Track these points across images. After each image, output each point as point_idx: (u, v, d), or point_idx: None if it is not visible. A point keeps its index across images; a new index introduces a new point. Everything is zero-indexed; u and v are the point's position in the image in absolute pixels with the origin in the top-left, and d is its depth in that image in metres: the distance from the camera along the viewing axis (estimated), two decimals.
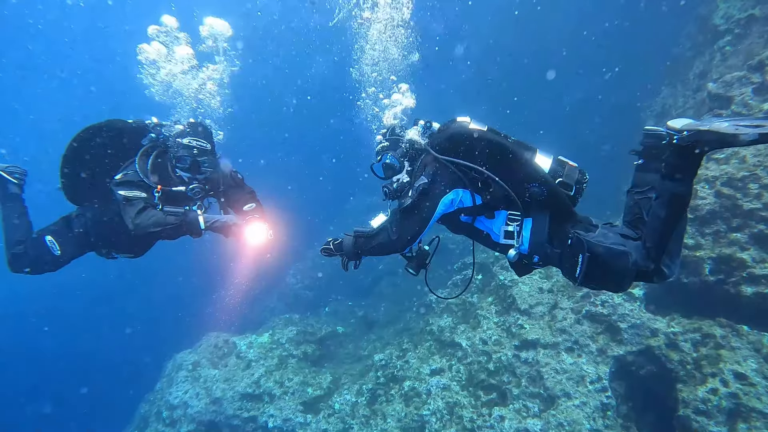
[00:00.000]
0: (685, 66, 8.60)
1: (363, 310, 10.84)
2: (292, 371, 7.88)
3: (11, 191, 3.20)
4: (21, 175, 3.24)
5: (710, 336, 5.09)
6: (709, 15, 7.68)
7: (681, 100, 8.21)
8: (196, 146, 2.85)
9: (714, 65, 7.18)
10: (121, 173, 2.85)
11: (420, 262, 2.63)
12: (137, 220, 2.68)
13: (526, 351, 6.31)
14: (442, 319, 7.69)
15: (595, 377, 5.70)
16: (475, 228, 2.42)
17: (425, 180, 2.24)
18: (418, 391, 6.74)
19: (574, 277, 2.11)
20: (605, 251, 2.02)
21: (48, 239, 3.09)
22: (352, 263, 2.61)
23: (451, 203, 2.29)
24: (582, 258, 2.05)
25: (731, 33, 6.94)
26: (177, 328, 11.93)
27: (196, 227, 2.83)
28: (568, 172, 2.27)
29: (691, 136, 1.79)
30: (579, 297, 6.39)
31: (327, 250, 2.59)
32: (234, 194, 3.20)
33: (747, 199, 5.11)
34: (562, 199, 2.21)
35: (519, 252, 2.27)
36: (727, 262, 5.10)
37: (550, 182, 2.17)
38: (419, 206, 2.22)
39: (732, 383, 4.70)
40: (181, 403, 7.91)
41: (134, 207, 2.72)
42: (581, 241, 2.08)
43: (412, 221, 2.24)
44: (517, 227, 2.25)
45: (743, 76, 5.83)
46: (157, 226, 2.70)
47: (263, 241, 2.96)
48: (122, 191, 2.76)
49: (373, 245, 2.38)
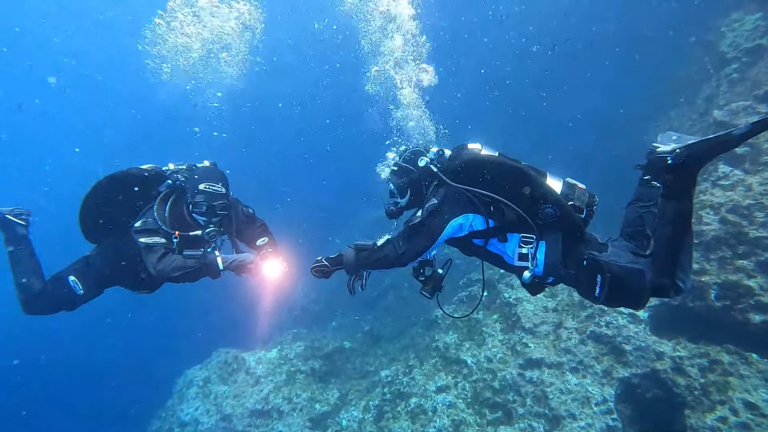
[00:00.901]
0: (693, 88, 8.71)
1: (369, 324, 10.91)
2: (300, 387, 7.99)
3: (20, 233, 3.28)
4: (27, 216, 3.34)
5: (718, 362, 5.11)
6: (717, 42, 7.81)
7: (688, 123, 8.30)
8: (212, 191, 2.92)
9: (721, 91, 7.29)
10: (141, 220, 2.95)
11: (435, 285, 2.67)
12: (159, 266, 2.79)
13: (530, 370, 6.37)
14: (447, 336, 7.77)
15: (600, 399, 5.74)
16: (488, 251, 2.45)
17: (435, 201, 2.29)
18: (424, 408, 6.80)
19: (594, 296, 2.15)
20: (621, 270, 2.07)
21: (71, 279, 3.17)
22: (359, 284, 2.64)
23: (460, 227, 2.32)
24: (601, 278, 2.10)
25: (738, 61, 7.07)
26: (188, 343, 12.08)
27: (215, 269, 2.91)
28: (578, 195, 2.33)
29: (683, 151, 1.92)
30: (584, 317, 6.45)
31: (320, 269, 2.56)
32: (246, 229, 3.28)
33: (753, 227, 5.17)
34: (575, 220, 2.25)
35: (533, 274, 2.30)
36: (733, 289, 5.14)
37: (563, 204, 2.22)
38: (428, 225, 2.27)
39: (742, 413, 4.66)
40: (192, 420, 8.05)
41: (155, 253, 2.83)
42: (598, 262, 2.13)
43: (419, 238, 2.29)
44: (531, 249, 2.27)
45: (749, 106, 5.94)
46: (178, 270, 2.80)
47: (279, 275, 3.05)
48: (142, 239, 2.86)
49: (378, 258, 2.39)
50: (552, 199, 2.20)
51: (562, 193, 2.30)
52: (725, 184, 5.60)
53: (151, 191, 3.06)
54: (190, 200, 2.95)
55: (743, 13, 7.39)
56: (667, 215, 2.04)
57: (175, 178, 3.05)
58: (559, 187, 2.33)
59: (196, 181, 2.93)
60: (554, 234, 2.26)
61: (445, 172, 2.37)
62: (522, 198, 2.20)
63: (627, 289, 2.08)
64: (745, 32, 7.11)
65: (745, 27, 7.19)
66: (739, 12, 7.48)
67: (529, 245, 2.28)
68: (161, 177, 3.10)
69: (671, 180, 2.02)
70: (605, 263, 2.10)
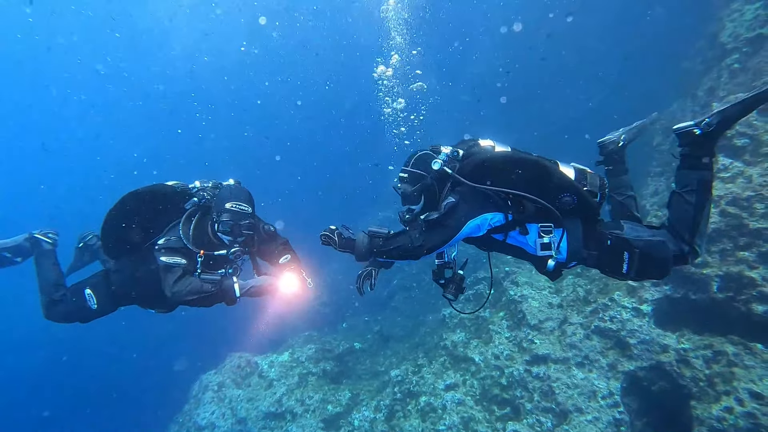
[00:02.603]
0: (696, 80, 8.67)
1: (379, 325, 11.06)
2: (312, 389, 8.16)
3: (45, 248, 3.41)
4: (54, 236, 3.46)
5: (722, 353, 5.14)
6: (717, 32, 7.77)
7: (690, 115, 8.27)
8: (239, 211, 2.86)
9: (722, 82, 7.26)
10: (164, 238, 2.91)
11: (457, 287, 2.68)
12: (175, 288, 2.76)
13: (537, 366, 6.45)
14: (455, 334, 7.88)
15: (606, 392, 5.80)
16: (508, 244, 2.45)
17: (453, 200, 2.27)
18: (434, 406, 6.92)
19: (622, 273, 2.24)
20: (646, 245, 2.19)
21: (87, 292, 3.17)
22: (368, 284, 2.70)
23: (478, 228, 2.32)
24: (629, 255, 2.19)
25: (739, 51, 7.02)
26: (202, 347, 12.35)
27: (231, 295, 2.84)
28: (591, 180, 2.39)
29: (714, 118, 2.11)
30: (588, 312, 6.51)
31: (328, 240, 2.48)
32: (268, 248, 3.22)
33: (753, 219, 5.19)
34: (592, 205, 2.30)
35: (557, 261, 2.33)
36: (735, 280, 5.17)
37: (580, 191, 2.26)
38: (445, 222, 2.27)
39: (748, 402, 4.69)
40: (209, 424, 8.26)
41: (173, 274, 2.80)
42: (625, 239, 2.22)
43: (436, 233, 2.28)
44: (552, 238, 2.30)
45: None
46: (193, 294, 2.76)
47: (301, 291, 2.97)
48: (163, 257, 2.83)
49: (392, 247, 2.34)
50: (569, 187, 2.24)
51: (575, 180, 2.34)
52: (725, 176, 5.62)
53: (176, 208, 3.03)
54: (215, 219, 2.90)
55: (743, 2, 7.34)
56: (691, 185, 2.20)
57: (201, 195, 3.02)
58: (572, 174, 2.37)
59: (222, 200, 2.89)
60: (573, 220, 2.30)
61: (461, 172, 2.34)
62: (541, 189, 2.22)
63: (654, 261, 2.20)
64: (746, 22, 7.06)
65: (745, 17, 7.13)
66: (740, 1, 7.43)
67: (550, 234, 2.30)
68: (187, 194, 3.07)
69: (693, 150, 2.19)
70: (632, 240, 2.21)
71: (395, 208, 15.37)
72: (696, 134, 2.19)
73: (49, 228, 3.50)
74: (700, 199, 2.19)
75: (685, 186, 2.24)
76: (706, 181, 2.20)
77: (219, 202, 2.90)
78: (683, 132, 2.26)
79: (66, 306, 3.22)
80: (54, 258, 3.41)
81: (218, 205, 2.89)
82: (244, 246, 3.01)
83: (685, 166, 2.28)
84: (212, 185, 3.12)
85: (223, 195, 2.92)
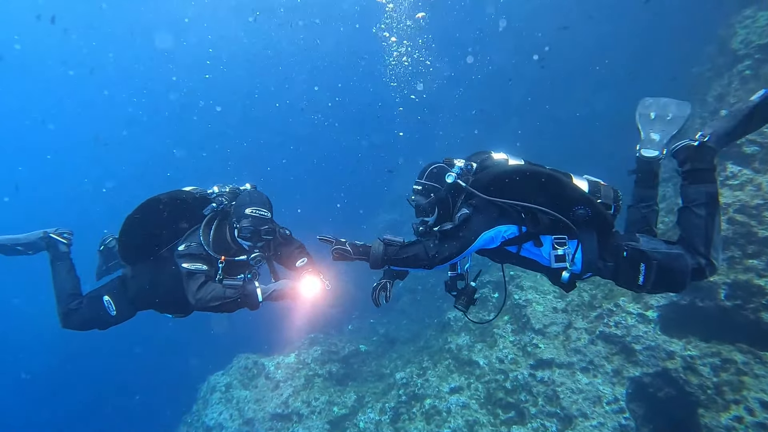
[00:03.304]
0: (705, 86, 8.61)
1: (384, 328, 11.11)
2: (318, 390, 8.23)
3: (62, 250, 3.38)
4: (69, 235, 3.45)
5: (731, 361, 5.11)
6: (728, 38, 7.72)
7: (698, 121, 8.22)
8: (259, 216, 2.87)
9: (732, 89, 7.21)
10: (185, 244, 2.89)
11: (469, 298, 2.71)
12: (198, 294, 2.73)
13: (541, 370, 6.46)
14: (460, 338, 7.90)
15: (612, 398, 5.80)
16: (522, 257, 2.45)
17: (467, 212, 2.29)
18: (439, 409, 6.95)
19: (638, 285, 2.24)
20: (664, 257, 2.19)
21: (105, 299, 3.16)
22: (383, 296, 2.71)
23: (491, 240, 2.33)
24: (645, 267, 2.20)
25: (751, 58, 6.97)
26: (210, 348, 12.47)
27: (254, 300, 2.81)
28: (604, 192, 2.41)
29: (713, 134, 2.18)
30: (593, 317, 6.51)
31: (341, 253, 2.48)
32: (285, 251, 3.23)
33: (762, 227, 5.17)
34: (606, 217, 2.31)
35: (572, 272, 2.34)
36: (744, 288, 5.14)
37: (594, 204, 2.26)
38: (459, 233, 2.28)
39: (759, 412, 4.66)
40: (217, 425, 8.37)
41: (196, 281, 2.77)
42: (642, 251, 2.22)
43: (450, 244, 2.28)
44: (567, 250, 2.30)
45: None
46: (216, 300, 2.73)
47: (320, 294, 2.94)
48: (185, 264, 2.80)
49: (407, 256, 2.36)
50: (583, 200, 2.25)
51: (589, 192, 2.36)
52: (733, 184, 5.60)
53: (195, 214, 3.01)
54: (235, 225, 2.91)
55: (756, 9, 7.29)
56: (699, 200, 2.25)
57: (220, 201, 3.01)
58: (585, 187, 2.39)
59: (242, 206, 2.90)
60: (588, 231, 2.30)
61: (475, 185, 2.34)
62: (555, 202, 2.24)
63: (672, 273, 2.21)
64: (758, 29, 7.00)
65: (758, 23, 7.07)
66: (753, 8, 7.37)
67: (564, 246, 2.31)
68: (206, 200, 3.06)
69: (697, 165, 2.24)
70: (649, 251, 2.21)
71: (400, 211, 15.45)
72: (693, 146, 2.25)
73: (64, 227, 3.48)
74: (710, 211, 2.22)
75: (693, 200, 2.27)
76: (713, 193, 2.23)
77: (238, 207, 2.91)
78: (681, 148, 2.31)
79: (83, 315, 3.21)
80: (70, 263, 3.40)
81: (238, 211, 2.90)
82: (264, 251, 3.01)
83: (689, 182, 2.31)
84: (230, 190, 3.12)
85: (242, 200, 2.93)
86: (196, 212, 3.01)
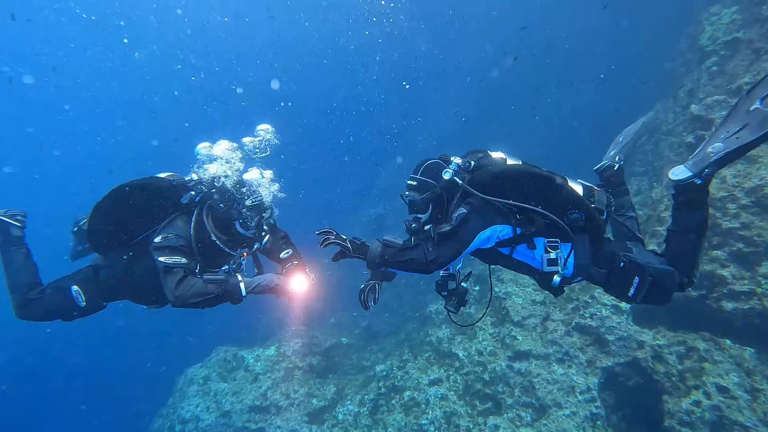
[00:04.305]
0: (677, 81, 8.85)
1: (367, 321, 11.16)
2: (297, 383, 8.23)
3: (14, 234, 3.10)
4: (22, 218, 3.16)
5: (694, 349, 5.32)
6: (697, 35, 7.93)
7: (671, 115, 8.45)
8: (258, 204, 2.77)
9: (701, 84, 7.43)
10: (161, 235, 2.68)
11: (460, 299, 2.68)
12: (177, 291, 2.53)
13: (519, 362, 6.59)
14: (440, 330, 7.99)
15: (584, 388, 5.96)
16: (513, 259, 2.42)
17: (464, 211, 2.24)
18: (418, 401, 7.03)
19: (627, 296, 2.27)
20: (658, 273, 2.22)
21: (74, 289, 2.93)
22: (372, 298, 2.66)
23: (487, 239, 2.30)
24: (639, 280, 2.21)
25: (717, 54, 7.20)
26: (187, 341, 12.33)
27: (238, 294, 2.66)
28: (598, 197, 2.42)
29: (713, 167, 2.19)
30: (569, 309, 6.66)
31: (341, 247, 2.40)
32: (270, 241, 3.07)
33: (726, 219, 5.35)
34: (599, 223, 2.31)
35: (563, 276, 2.34)
36: (708, 278, 5.33)
37: (589, 208, 2.27)
38: (457, 234, 2.23)
39: (715, 396, 4.88)
40: (193, 417, 8.28)
41: (174, 276, 2.56)
42: (637, 264, 2.24)
43: (449, 246, 2.23)
44: (559, 254, 2.30)
45: (723, 100, 6.10)
46: (198, 296, 2.55)
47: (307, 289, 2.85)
48: (162, 257, 2.60)
49: (405, 259, 2.29)
50: (578, 204, 2.26)
51: (584, 197, 2.36)
52: None
53: (171, 203, 2.82)
54: (235, 216, 2.76)
55: (721, 6, 7.51)
56: (690, 224, 2.29)
57: (199, 189, 2.84)
58: (580, 191, 2.39)
59: (240, 196, 2.77)
60: (580, 236, 2.30)
61: (472, 183, 2.31)
62: (551, 205, 2.23)
63: (661, 289, 2.24)
64: (723, 26, 7.22)
65: (722, 20, 7.30)
66: (717, 5, 7.59)
67: (556, 249, 2.31)
68: (184, 187, 2.86)
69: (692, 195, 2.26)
70: (645, 266, 2.23)
71: (385, 206, 15.38)
72: (697, 184, 2.24)
73: (16, 208, 3.18)
74: (699, 236, 2.27)
75: (684, 226, 2.32)
76: (704, 220, 2.28)
77: (235, 199, 2.76)
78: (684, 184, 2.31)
79: (45, 305, 2.97)
80: (25, 248, 3.12)
81: (237, 203, 2.76)
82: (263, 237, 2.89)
83: (682, 209, 2.34)
84: (210, 178, 2.92)
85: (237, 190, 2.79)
86: (173, 201, 2.81)
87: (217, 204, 2.79)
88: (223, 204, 2.77)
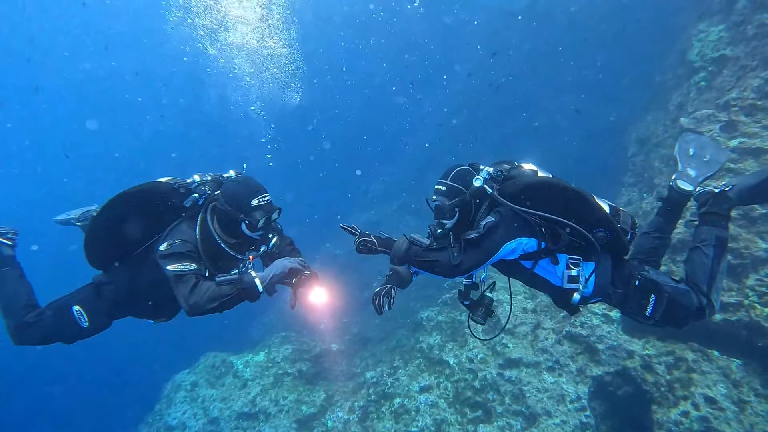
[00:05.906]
0: (668, 94, 9.02)
1: (357, 327, 11.10)
2: (287, 389, 8.14)
3: (5, 254, 2.92)
4: (13, 236, 2.99)
5: (682, 359, 5.38)
6: (686, 50, 8.11)
7: (661, 128, 8.60)
8: (265, 203, 2.65)
9: (690, 98, 7.57)
10: (166, 242, 2.53)
11: (487, 309, 2.64)
12: (191, 299, 2.40)
13: (509, 369, 6.59)
14: (431, 337, 7.97)
15: (574, 396, 5.98)
16: (534, 273, 2.39)
17: (493, 220, 2.22)
18: (408, 408, 6.98)
19: (644, 315, 2.25)
20: (674, 291, 2.22)
21: (76, 310, 2.74)
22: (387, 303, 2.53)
23: (513, 251, 2.27)
24: (656, 299, 2.20)
25: (705, 70, 7.35)
26: (175, 347, 12.13)
27: (255, 291, 2.48)
28: (623, 218, 2.40)
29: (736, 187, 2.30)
30: (560, 318, 6.71)
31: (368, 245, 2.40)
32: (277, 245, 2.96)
33: None
34: (624, 243, 2.30)
35: (582, 295, 2.30)
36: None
37: (616, 228, 2.24)
38: (484, 242, 2.22)
39: (703, 407, 4.93)
40: (180, 424, 8.14)
41: (186, 284, 2.42)
42: (653, 281, 2.23)
43: (474, 253, 2.22)
44: (580, 271, 2.27)
45: (711, 114, 6.24)
46: (214, 301, 2.41)
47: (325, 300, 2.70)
48: (170, 266, 2.45)
49: (429, 260, 2.28)
50: (606, 222, 2.22)
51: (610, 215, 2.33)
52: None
53: (174, 208, 2.68)
54: (243, 219, 2.61)
55: (708, 24, 7.70)
56: (709, 241, 2.31)
57: (202, 191, 2.71)
58: (608, 209, 2.36)
59: (245, 198, 2.61)
60: (604, 255, 2.28)
61: (502, 193, 2.29)
62: (579, 221, 2.20)
63: (679, 308, 2.23)
64: (710, 43, 7.40)
65: (710, 37, 7.48)
66: (705, 23, 7.78)
67: (578, 267, 2.28)
68: (186, 191, 2.70)
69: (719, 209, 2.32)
70: (662, 284, 2.22)
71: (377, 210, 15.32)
72: (714, 192, 2.37)
73: (5, 225, 2.99)
74: (718, 253, 2.29)
75: (703, 240, 2.35)
76: (723, 238, 2.32)
77: (240, 200, 2.61)
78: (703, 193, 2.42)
79: (45, 329, 2.76)
80: (18, 269, 2.93)
81: (242, 204, 2.60)
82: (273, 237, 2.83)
83: (702, 223, 2.41)
84: (212, 179, 2.81)
85: (241, 192, 2.63)
86: (176, 205, 2.67)
87: (223, 204, 2.64)
88: (228, 204, 2.62)
